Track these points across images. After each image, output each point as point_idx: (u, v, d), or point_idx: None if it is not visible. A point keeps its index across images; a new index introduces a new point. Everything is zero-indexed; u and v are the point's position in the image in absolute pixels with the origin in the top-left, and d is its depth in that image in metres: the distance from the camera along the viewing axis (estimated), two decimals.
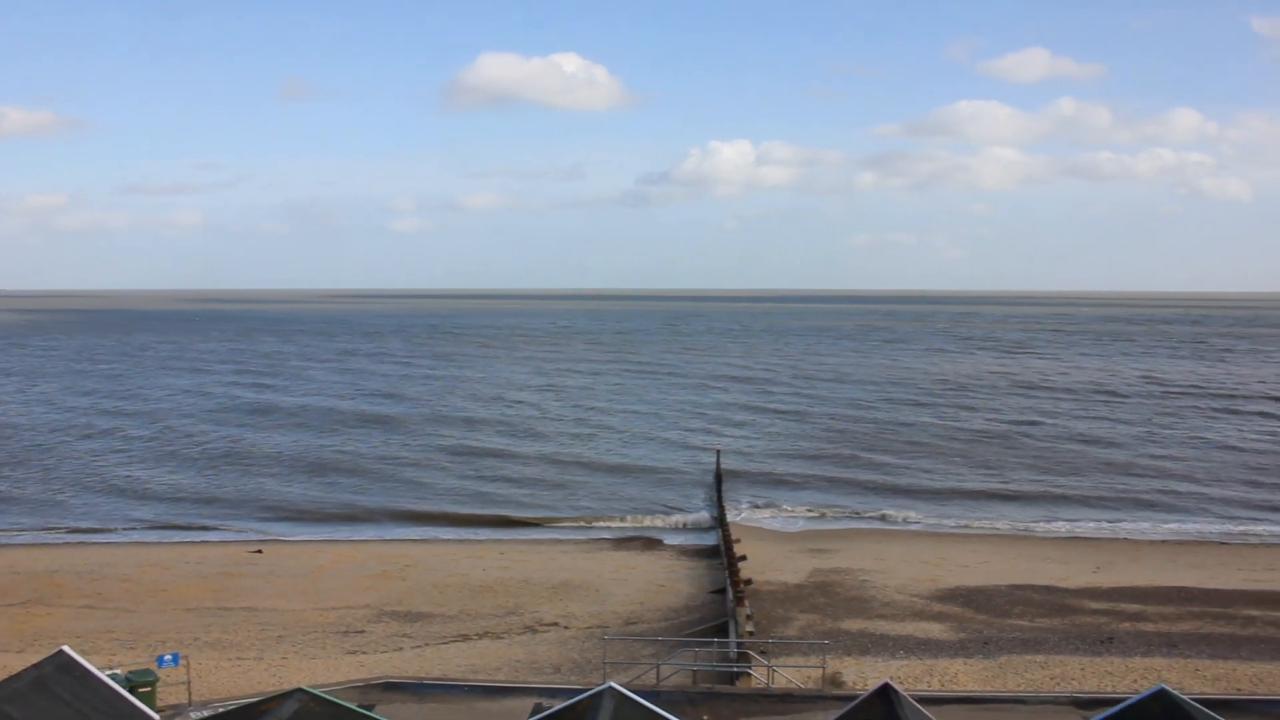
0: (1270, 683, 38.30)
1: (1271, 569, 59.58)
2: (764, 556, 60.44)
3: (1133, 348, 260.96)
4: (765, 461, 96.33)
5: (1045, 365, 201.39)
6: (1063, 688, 37.32)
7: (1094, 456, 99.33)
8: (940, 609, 50.15)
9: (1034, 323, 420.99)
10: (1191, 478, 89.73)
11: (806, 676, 38.09)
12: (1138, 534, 70.85)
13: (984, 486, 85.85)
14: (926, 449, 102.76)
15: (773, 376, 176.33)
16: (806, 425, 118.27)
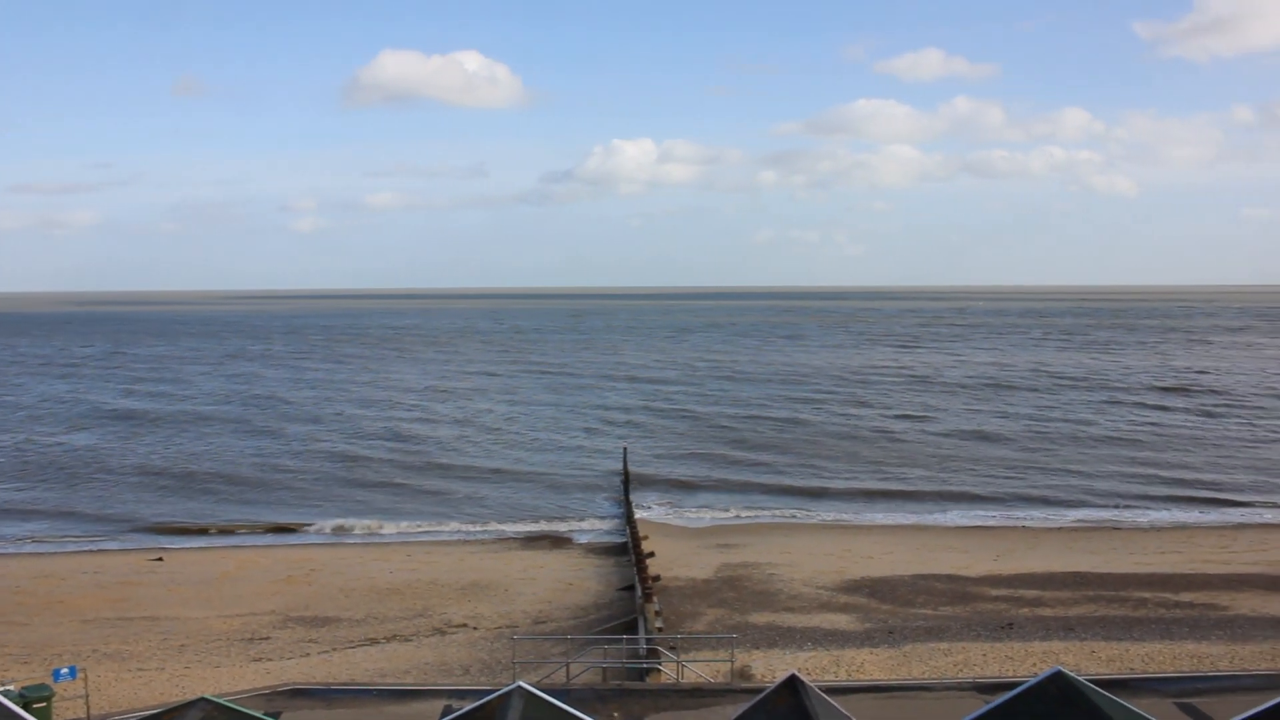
0: (1160, 661, 39.50)
1: (1162, 552, 61.45)
2: (672, 553, 60.71)
3: (1025, 340, 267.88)
4: (672, 458, 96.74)
5: (940, 359, 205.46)
6: (965, 674, 38.05)
7: (988, 448, 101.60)
8: (846, 600, 50.82)
9: (932, 317, 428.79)
10: (1080, 466, 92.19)
11: (716, 670, 38.35)
12: (1035, 522, 72.55)
13: (883, 479, 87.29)
14: (827, 444, 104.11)
15: (675, 375, 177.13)
16: (710, 422, 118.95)
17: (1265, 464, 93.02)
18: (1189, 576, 54.62)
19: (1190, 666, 38.68)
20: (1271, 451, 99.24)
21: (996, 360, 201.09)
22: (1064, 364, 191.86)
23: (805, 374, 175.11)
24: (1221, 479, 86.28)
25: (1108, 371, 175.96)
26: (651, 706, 33.24)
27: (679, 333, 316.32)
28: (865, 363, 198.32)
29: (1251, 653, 40.85)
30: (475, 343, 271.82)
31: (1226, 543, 64.57)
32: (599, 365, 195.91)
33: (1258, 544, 63.69)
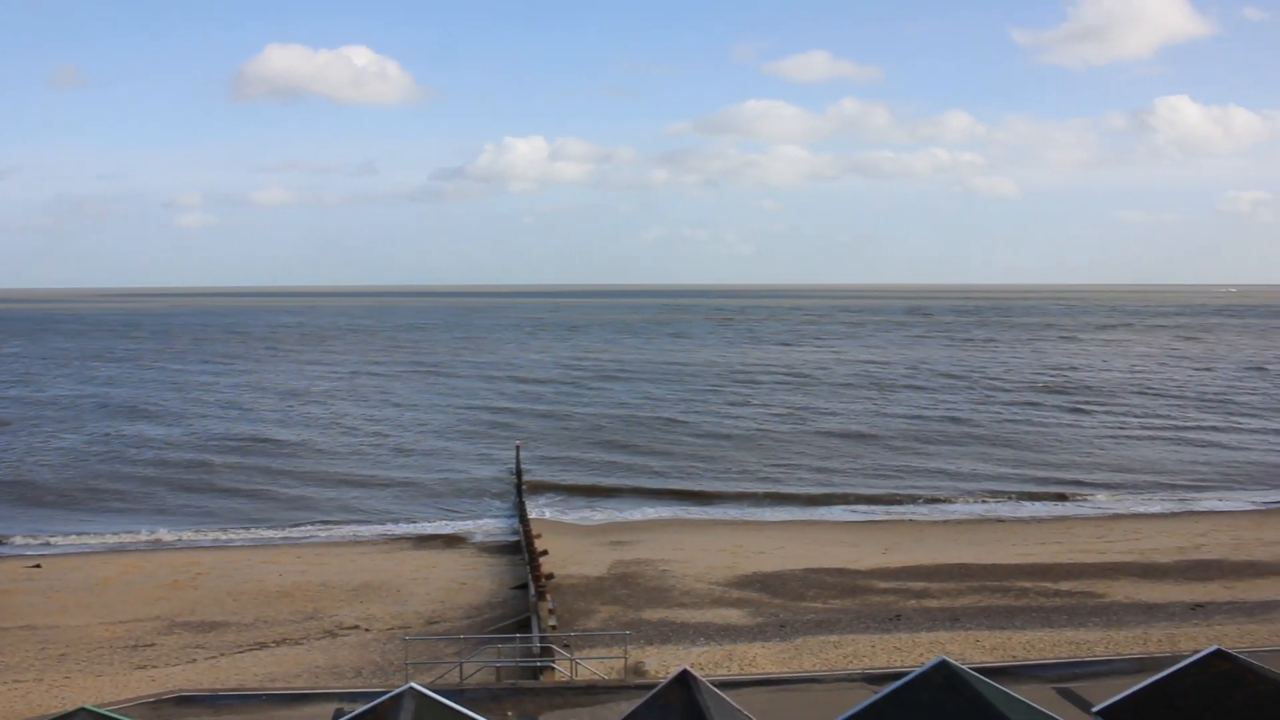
0: (1041, 648, 40.69)
1: (1042, 543, 63.27)
2: (565, 550, 60.71)
3: (907, 338, 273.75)
4: (564, 457, 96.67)
5: (825, 357, 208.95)
6: (855, 665, 38.74)
7: (872, 444, 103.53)
8: (738, 595, 51.36)
9: (820, 315, 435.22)
10: (960, 461, 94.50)
11: (609, 668, 38.49)
12: (922, 516, 74.09)
13: (772, 475, 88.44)
14: (715, 442, 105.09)
15: (565, 373, 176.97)
16: (600, 422, 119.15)
17: (1135, 458, 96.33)
18: (1067, 566, 56.37)
19: (1069, 653, 39.91)
20: (1140, 446, 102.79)
21: (879, 358, 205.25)
22: (944, 361, 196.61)
23: (692, 372, 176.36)
24: (1094, 472, 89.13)
25: (986, 368, 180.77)
26: (545, 705, 33.25)
27: (569, 331, 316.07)
28: (752, 360, 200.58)
29: (1125, 637, 42.32)
30: (362, 341, 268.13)
31: (1102, 533, 66.70)
32: (489, 364, 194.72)
33: (1131, 534, 65.92)
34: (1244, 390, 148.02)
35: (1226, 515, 73.12)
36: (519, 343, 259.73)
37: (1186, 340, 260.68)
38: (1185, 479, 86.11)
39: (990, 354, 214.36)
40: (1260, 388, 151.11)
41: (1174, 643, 40.82)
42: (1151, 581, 53.11)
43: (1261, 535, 64.69)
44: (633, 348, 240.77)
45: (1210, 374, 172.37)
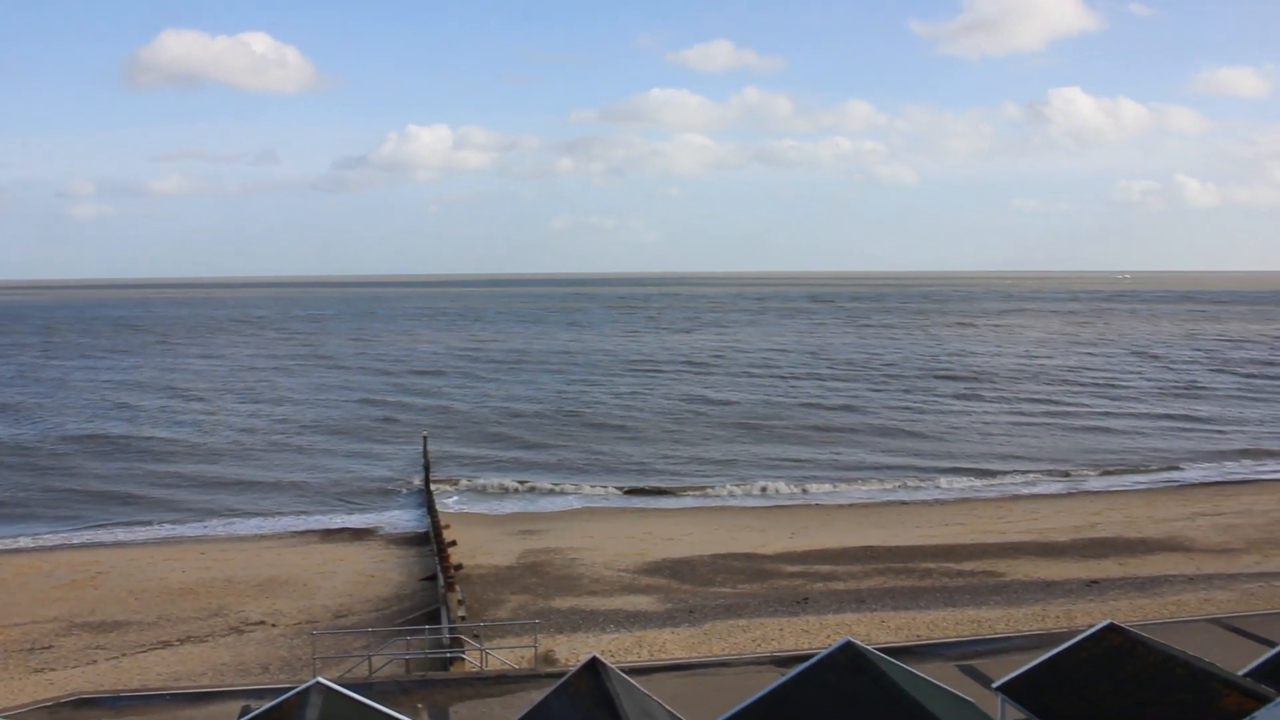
0: (944, 627, 41.61)
1: (945, 524, 64.59)
2: (474, 540, 60.50)
3: (809, 324, 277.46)
4: (472, 447, 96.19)
5: (726, 344, 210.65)
6: (763, 648, 39.25)
7: (774, 429, 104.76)
8: (648, 581, 51.65)
9: (724, 303, 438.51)
10: (862, 445, 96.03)
11: (520, 657, 38.51)
12: (828, 500, 75.10)
13: (674, 462, 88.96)
14: (622, 428, 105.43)
15: (466, 365, 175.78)
16: (506, 410, 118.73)
17: (1030, 441, 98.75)
18: (969, 546, 57.64)
19: (971, 631, 40.87)
20: (1034, 429, 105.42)
21: (779, 345, 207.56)
22: (844, 348, 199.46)
23: (594, 361, 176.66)
24: (990, 456, 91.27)
25: (885, 354, 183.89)
26: (455, 695, 33.17)
27: (473, 321, 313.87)
28: (655, 348, 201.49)
29: (1025, 615, 43.46)
30: (262, 333, 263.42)
31: (1003, 513, 68.27)
32: (389, 356, 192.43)
33: (1029, 514, 67.57)
34: (1132, 374, 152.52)
35: (1119, 495, 75.30)
36: (421, 333, 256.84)
37: (1079, 325, 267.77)
38: (1078, 461, 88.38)
39: (889, 340, 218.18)
40: (1146, 372, 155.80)
41: (1070, 618, 42.00)
42: (1049, 560, 54.54)
43: (1152, 513, 66.76)
44: (536, 337, 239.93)
45: (1101, 359, 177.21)
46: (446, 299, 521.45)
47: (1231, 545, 57.15)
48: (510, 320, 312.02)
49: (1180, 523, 63.40)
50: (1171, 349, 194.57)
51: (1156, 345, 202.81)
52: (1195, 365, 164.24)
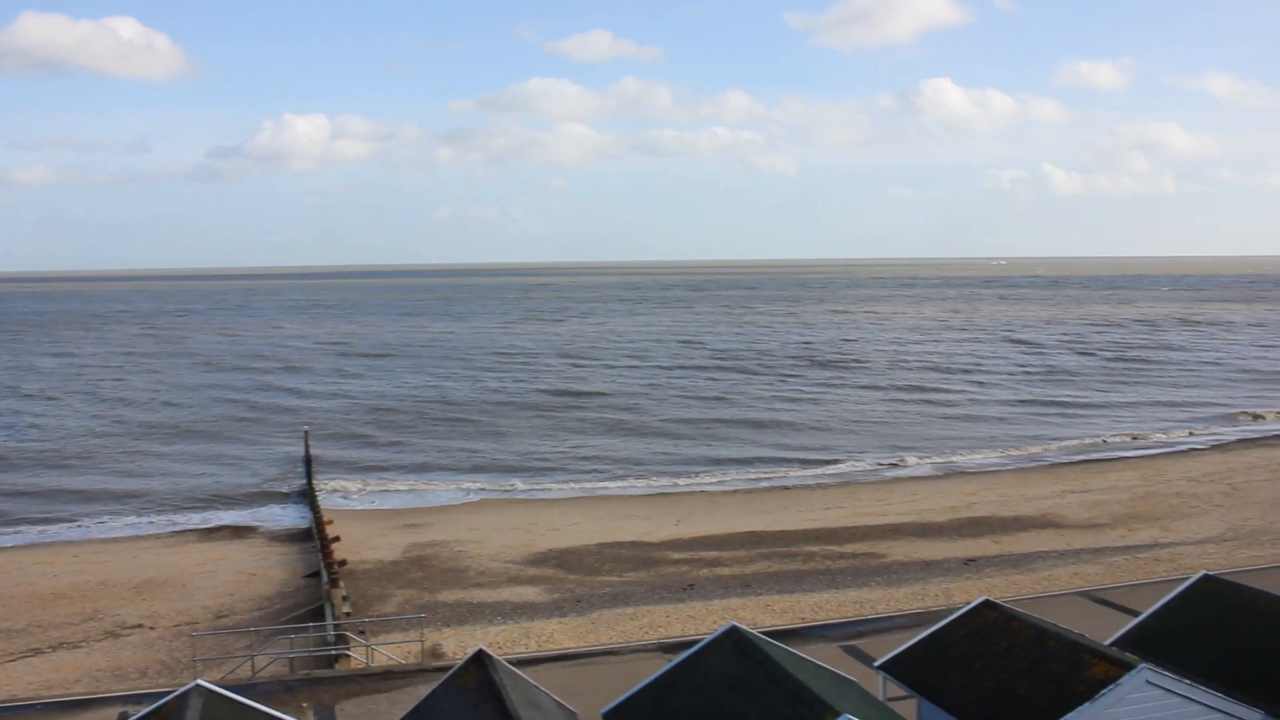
0: (828, 609, 42.40)
1: (827, 508, 65.72)
2: (358, 535, 59.77)
3: (688, 313, 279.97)
4: (353, 440, 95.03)
5: (602, 334, 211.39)
6: (650, 636, 39.55)
7: (656, 415, 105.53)
8: (534, 572, 51.62)
9: (605, 292, 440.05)
10: (742, 431, 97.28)
11: (406, 652, 38.20)
12: (713, 487, 75.82)
13: (560, 450, 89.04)
14: (498, 419, 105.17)
15: (343, 359, 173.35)
16: (388, 402, 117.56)
17: (905, 424, 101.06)
18: (851, 529, 58.76)
19: (854, 612, 41.73)
20: (910, 413, 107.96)
21: (656, 334, 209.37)
22: (722, 336, 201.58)
23: (475, 352, 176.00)
24: (868, 438, 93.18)
25: (761, 342, 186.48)
26: (341, 693, 32.80)
27: (351, 311, 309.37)
28: (533, 338, 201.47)
29: (905, 594, 44.52)
30: (130, 328, 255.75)
31: (883, 496, 69.71)
32: (268, 349, 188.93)
33: (909, 496, 69.12)
34: (1001, 359, 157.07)
35: (994, 475, 77.43)
36: (296, 327, 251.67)
37: (951, 312, 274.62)
38: (952, 444, 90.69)
39: (765, 328, 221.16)
40: (1015, 356, 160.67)
41: (949, 596, 43.14)
42: (928, 540, 55.88)
43: (1025, 492, 68.83)
44: (414, 329, 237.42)
45: (972, 344, 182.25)
46: (325, 291, 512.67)
47: (1099, 521, 59.25)
48: (389, 312, 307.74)
49: (1051, 500, 65.47)
50: (1039, 333, 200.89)
51: (1025, 330, 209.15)
52: (1061, 350, 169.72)
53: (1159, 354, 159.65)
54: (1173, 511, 61.07)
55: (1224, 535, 54.41)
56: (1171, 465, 78.11)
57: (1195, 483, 69.74)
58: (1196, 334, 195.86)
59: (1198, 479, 71.11)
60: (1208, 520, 58.25)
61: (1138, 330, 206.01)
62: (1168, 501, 63.98)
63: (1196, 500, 64.01)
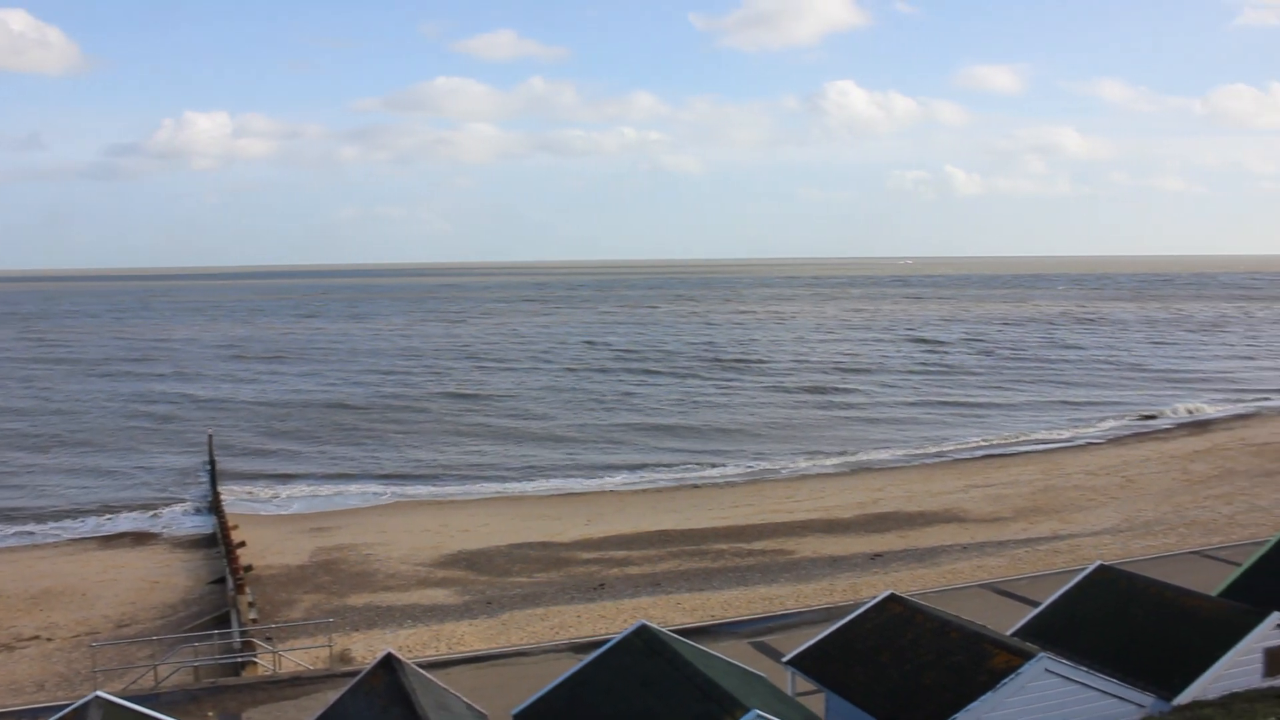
0: (737, 606, 42.78)
1: (736, 506, 66.25)
2: (264, 540, 58.87)
3: (593, 314, 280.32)
4: (258, 444, 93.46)
5: (503, 335, 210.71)
6: (561, 636, 39.56)
7: (566, 416, 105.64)
8: (444, 575, 51.31)
9: (511, 291, 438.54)
10: (644, 431, 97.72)
11: (314, 657, 37.76)
12: (623, 486, 75.99)
13: (467, 452, 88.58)
14: (404, 421, 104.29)
15: (241, 365, 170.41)
16: (286, 407, 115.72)
17: (810, 423, 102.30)
18: (760, 527, 59.32)
19: (763, 608, 42.16)
20: (815, 411, 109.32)
21: (561, 335, 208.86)
22: (624, 336, 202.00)
23: (377, 352, 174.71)
24: (775, 437, 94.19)
25: (665, 342, 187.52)
26: (248, 700, 32.33)
27: (250, 313, 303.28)
28: (434, 340, 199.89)
29: (813, 590, 45.07)
30: (7, 329, 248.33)
31: (791, 493, 70.45)
32: (166, 352, 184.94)
33: (816, 493, 69.96)
34: (904, 358, 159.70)
35: (899, 471, 78.68)
36: (195, 328, 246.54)
37: (854, 311, 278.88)
38: (858, 441, 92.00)
39: (670, 328, 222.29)
40: (915, 354, 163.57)
41: (856, 591, 43.76)
42: (836, 536, 56.63)
43: (929, 487, 70.07)
44: (317, 330, 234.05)
45: (876, 343, 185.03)
46: (226, 292, 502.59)
47: (1001, 514, 60.56)
48: (292, 314, 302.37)
49: (955, 495, 66.76)
50: (941, 332, 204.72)
51: (927, 328, 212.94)
52: (962, 348, 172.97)
53: (1055, 352, 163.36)
54: (1071, 504, 62.63)
55: (1119, 526, 55.95)
56: (1070, 459, 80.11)
57: (1092, 476, 71.58)
58: (1091, 333, 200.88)
59: (1095, 472, 73.00)
60: (1104, 512, 59.85)
61: (1035, 329, 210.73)
62: (1066, 495, 65.59)
63: (1094, 493, 65.72)
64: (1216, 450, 79.53)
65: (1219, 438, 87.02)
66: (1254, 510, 57.18)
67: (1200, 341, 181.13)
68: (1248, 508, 58.10)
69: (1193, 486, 65.78)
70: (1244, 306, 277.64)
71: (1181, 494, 63.55)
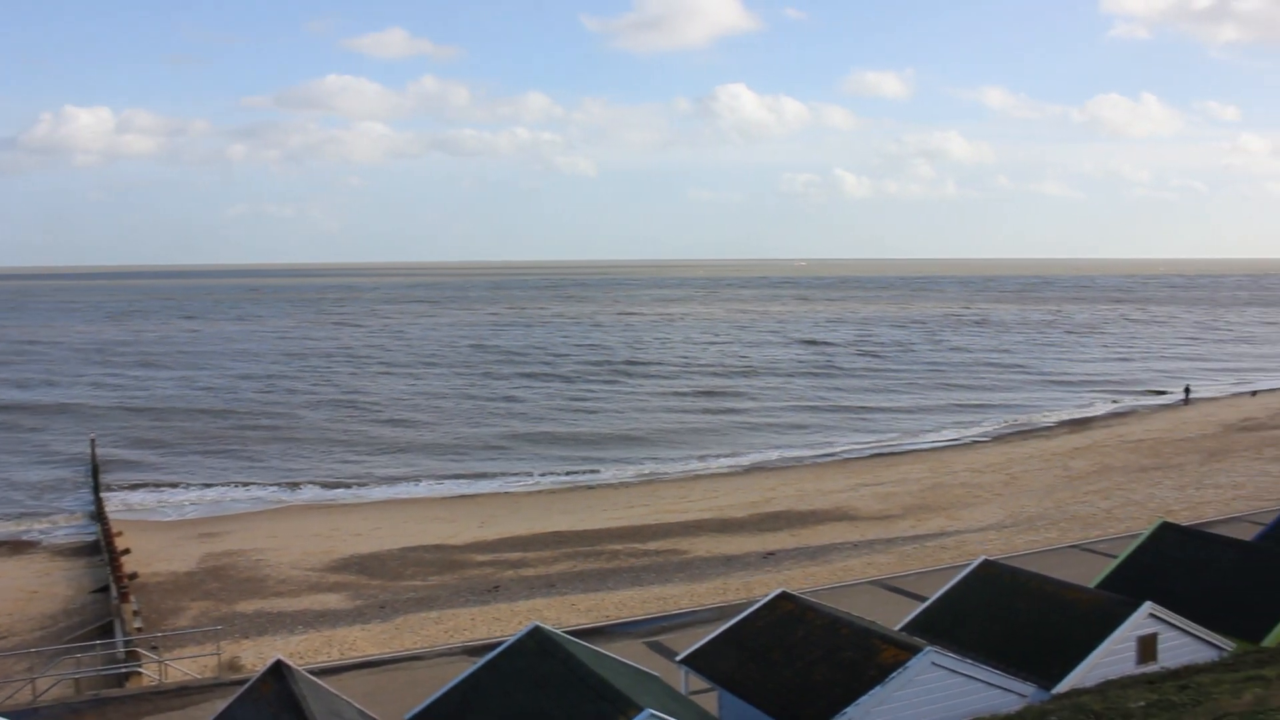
0: (631, 606, 42.96)
1: (630, 506, 66.53)
2: (150, 547, 57.49)
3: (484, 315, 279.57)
4: (144, 448, 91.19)
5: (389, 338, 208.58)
6: (455, 639, 39.33)
7: (457, 418, 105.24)
8: (336, 579, 50.67)
9: (402, 292, 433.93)
10: (529, 435, 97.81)
11: (202, 666, 37.00)
12: (517, 487, 75.80)
13: (355, 457, 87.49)
14: (286, 425, 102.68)
15: (121, 362, 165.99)
16: (177, 407, 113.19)
17: (702, 425, 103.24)
18: (654, 526, 59.64)
19: (657, 608, 42.38)
20: (700, 413, 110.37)
21: (448, 337, 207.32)
22: (514, 339, 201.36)
23: (263, 354, 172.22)
24: (667, 438, 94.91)
25: (551, 344, 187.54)
26: (133, 712, 31.60)
27: (128, 315, 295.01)
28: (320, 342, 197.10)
29: (706, 589, 45.44)
30: None
31: (684, 493, 70.97)
32: (40, 353, 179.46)
33: (709, 493, 70.57)
34: (791, 361, 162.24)
35: (791, 470, 79.78)
36: (73, 328, 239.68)
37: (742, 312, 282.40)
38: (748, 441, 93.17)
39: (560, 330, 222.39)
40: (805, 356, 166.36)
41: (749, 590, 44.21)
42: (729, 535, 57.19)
43: (821, 486, 71.17)
44: (202, 331, 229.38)
45: (765, 345, 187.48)
46: (109, 292, 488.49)
47: (890, 512, 61.73)
48: (175, 314, 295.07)
49: (845, 494, 67.89)
50: (830, 333, 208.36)
51: (816, 330, 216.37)
52: (848, 350, 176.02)
53: (941, 354, 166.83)
54: (958, 501, 64.11)
55: (1004, 522, 57.41)
56: (957, 457, 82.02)
57: (978, 473, 73.37)
58: (976, 334, 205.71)
59: (981, 470, 74.83)
60: (989, 508, 61.36)
61: (921, 330, 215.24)
62: (953, 492, 67.12)
63: (979, 490, 67.35)
64: (1095, 447, 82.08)
65: (1098, 435, 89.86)
66: (1130, 504, 59.12)
67: (1079, 342, 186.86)
68: (1124, 502, 60.05)
69: (1073, 482, 67.78)
70: (1119, 309, 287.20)
71: (1062, 490, 65.43)
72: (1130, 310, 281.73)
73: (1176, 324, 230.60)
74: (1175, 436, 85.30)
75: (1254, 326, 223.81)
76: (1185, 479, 66.40)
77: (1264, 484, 63.34)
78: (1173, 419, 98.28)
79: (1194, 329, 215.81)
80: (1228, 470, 68.63)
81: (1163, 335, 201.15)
